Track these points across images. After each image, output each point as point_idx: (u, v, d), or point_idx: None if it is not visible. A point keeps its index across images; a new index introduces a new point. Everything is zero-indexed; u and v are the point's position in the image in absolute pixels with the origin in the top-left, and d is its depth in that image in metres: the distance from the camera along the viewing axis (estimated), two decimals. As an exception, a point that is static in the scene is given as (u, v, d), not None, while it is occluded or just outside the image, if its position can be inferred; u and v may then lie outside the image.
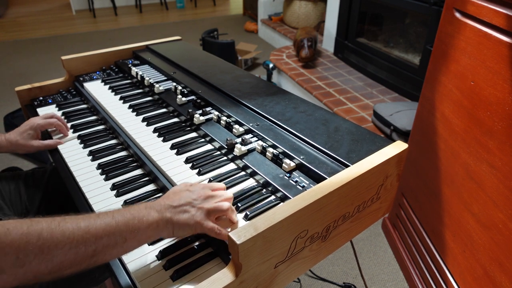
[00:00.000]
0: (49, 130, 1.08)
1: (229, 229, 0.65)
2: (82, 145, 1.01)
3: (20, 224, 0.50)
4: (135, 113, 1.09)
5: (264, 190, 0.77)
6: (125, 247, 0.58)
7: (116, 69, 1.40)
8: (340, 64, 2.87)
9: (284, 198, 0.73)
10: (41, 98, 1.26)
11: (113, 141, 1.04)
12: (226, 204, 0.65)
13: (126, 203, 0.79)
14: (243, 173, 0.83)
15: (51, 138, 1.04)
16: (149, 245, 0.69)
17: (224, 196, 0.67)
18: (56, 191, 1.06)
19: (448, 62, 1.11)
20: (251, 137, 0.91)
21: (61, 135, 1.06)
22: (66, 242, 0.52)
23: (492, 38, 0.92)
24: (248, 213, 0.70)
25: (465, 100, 1.03)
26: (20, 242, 0.49)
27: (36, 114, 1.18)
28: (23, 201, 1.00)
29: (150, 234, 0.60)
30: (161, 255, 0.67)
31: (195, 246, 0.69)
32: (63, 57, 1.31)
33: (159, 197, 0.80)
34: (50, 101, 1.24)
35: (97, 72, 1.37)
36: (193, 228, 0.63)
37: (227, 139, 0.87)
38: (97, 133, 1.07)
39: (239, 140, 0.90)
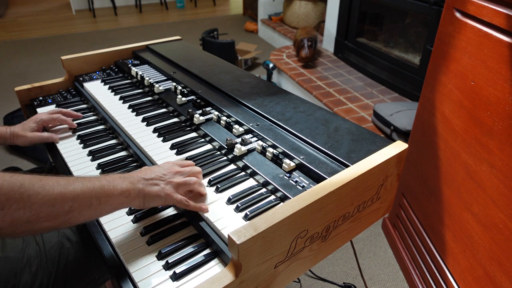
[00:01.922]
0: (49, 126, 1.07)
1: (205, 205, 0.72)
2: (82, 145, 1.01)
3: (2, 174, 0.55)
4: (135, 113, 1.09)
5: (264, 190, 0.77)
6: (99, 209, 0.63)
7: (116, 69, 1.40)
8: (340, 64, 2.87)
9: (284, 198, 0.73)
10: (41, 98, 1.26)
11: (113, 141, 1.04)
12: (194, 179, 0.73)
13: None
14: (243, 173, 0.83)
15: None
16: (149, 245, 0.69)
17: (192, 171, 0.75)
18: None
19: (448, 62, 1.11)
20: (251, 137, 0.91)
21: (62, 131, 1.06)
22: (45, 194, 0.56)
23: (492, 38, 0.92)
24: (248, 213, 0.70)
25: (465, 100, 1.03)
26: (2, 186, 0.53)
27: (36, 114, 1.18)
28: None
29: (122, 200, 0.65)
30: (161, 255, 0.67)
31: (195, 247, 0.69)
32: (63, 57, 1.31)
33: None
34: (50, 101, 1.24)
35: (97, 72, 1.37)
36: (163, 200, 0.69)
37: (227, 139, 0.87)
38: (97, 133, 1.07)
39: (239, 140, 0.90)
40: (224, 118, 0.97)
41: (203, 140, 0.96)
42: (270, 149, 0.83)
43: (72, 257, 0.80)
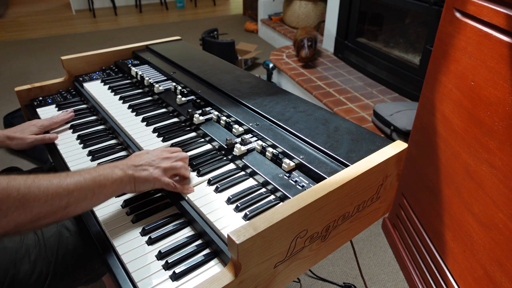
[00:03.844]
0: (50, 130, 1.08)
1: (190, 188, 0.77)
2: (81, 145, 1.01)
3: (0, 180, 0.56)
4: (134, 113, 1.09)
5: (264, 189, 0.77)
6: (94, 200, 0.67)
7: (116, 69, 1.40)
8: (340, 64, 2.87)
9: (283, 198, 0.73)
10: (41, 98, 1.26)
11: (113, 141, 1.04)
12: (180, 164, 0.78)
13: (126, 202, 0.79)
14: (242, 173, 0.83)
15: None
16: (148, 244, 0.69)
17: (179, 157, 0.79)
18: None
19: (448, 62, 1.11)
20: (251, 137, 0.91)
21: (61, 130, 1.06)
22: (42, 195, 0.59)
23: (492, 38, 0.92)
24: (248, 213, 0.70)
25: (465, 100, 1.03)
26: (2, 195, 0.55)
27: (36, 114, 1.18)
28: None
29: (115, 188, 0.70)
30: (160, 255, 0.67)
31: (195, 247, 0.69)
32: (63, 57, 1.31)
33: (159, 197, 0.81)
34: (50, 101, 1.24)
35: (97, 72, 1.37)
36: (152, 183, 0.74)
37: (226, 139, 0.87)
38: (97, 133, 1.07)
39: (238, 140, 0.90)
40: (224, 118, 0.97)
41: (203, 140, 0.96)
42: (270, 149, 0.83)
43: (72, 246, 0.80)
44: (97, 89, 1.24)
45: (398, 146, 0.78)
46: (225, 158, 0.88)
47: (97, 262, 0.84)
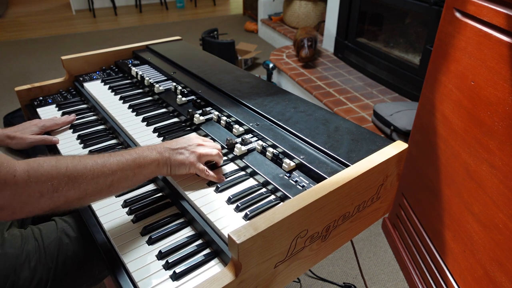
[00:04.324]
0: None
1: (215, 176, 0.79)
2: (82, 145, 1.01)
3: (49, 159, 0.61)
4: (135, 113, 1.09)
5: (264, 189, 0.77)
6: (134, 180, 0.70)
7: (116, 69, 1.40)
8: (340, 64, 2.87)
9: (284, 198, 0.73)
10: (41, 98, 1.26)
11: (113, 141, 1.04)
12: (215, 151, 0.80)
13: (126, 202, 0.79)
14: (243, 172, 0.83)
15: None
16: (148, 244, 0.69)
17: (212, 145, 0.82)
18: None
19: (448, 62, 1.11)
20: (251, 137, 0.91)
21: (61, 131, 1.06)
22: (88, 173, 0.63)
23: (492, 38, 0.92)
24: (248, 213, 0.70)
25: (465, 100, 1.03)
26: (52, 172, 0.59)
27: (36, 114, 1.18)
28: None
29: (153, 169, 0.72)
30: (161, 255, 0.67)
31: (195, 246, 0.69)
32: (63, 57, 1.31)
33: (159, 197, 0.81)
34: (50, 101, 1.24)
35: (97, 72, 1.37)
36: (188, 168, 0.76)
37: (227, 139, 0.87)
38: (97, 133, 1.07)
39: (239, 140, 0.90)
40: (224, 118, 0.97)
41: (203, 140, 0.96)
42: (270, 149, 0.83)
43: (71, 253, 0.80)
44: (97, 89, 1.24)
45: (398, 146, 0.79)
46: (225, 158, 0.88)
47: (97, 267, 0.84)
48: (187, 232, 0.73)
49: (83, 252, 0.82)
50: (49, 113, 1.18)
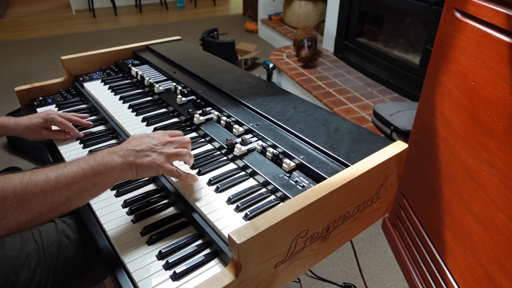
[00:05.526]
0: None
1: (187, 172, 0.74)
2: (81, 145, 1.01)
3: None
4: (135, 113, 1.09)
5: (264, 190, 0.77)
6: (95, 190, 0.64)
7: (116, 69, 1.40)
8: (340, 64, 2.87)
9: (284, 198, 0.73)
10: (41, 98, 1.26)
11: (113, 141, 1.04)
12: (185, 150, 0.74)
13: (126, 202, 0.79)
14: (243, 173, 0.83)
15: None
16: (149, 244, 0.69)
17: (182, 141, 0.75)
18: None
19: (448, 62, 1.11)
20: (251, 137, 0.91)
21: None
22: (40, 193, 0.56)
23: (492, 38, 0.92)
24: (248, 213, 0.70)
25: (465, 100, 1.03)
26: None
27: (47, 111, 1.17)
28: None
29: (116, 176, 0.66)
30: (161, 255, 0.67)
31: (195, 247, 0.69)
32: (63, 57, 1.31)
33: (159, 197, 0.81)
34: (50, 101, 1.24)
35: (97, 72, 1.37)
36: (155, 170, 0.70)
37: (227, 139, 0.87)
38: (97, 133, 1.07)
39: (239, 140, 0.90)
40: (224, 118, 0.97)
41: (203, 140, 0.96)
42: (270, 149, 0.83)
43: (71, 254, 0.80)
44: (97, 89, 1.24)
45: (398, 146, 0.79)
46: (225, 158, 0.88)
47: (97, 268, 0.84)
48: (187, 232, 0.73)
49: (83, 254, 0.81)
50: (49, 113, 1.17)
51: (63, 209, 0.60)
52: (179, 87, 1.15)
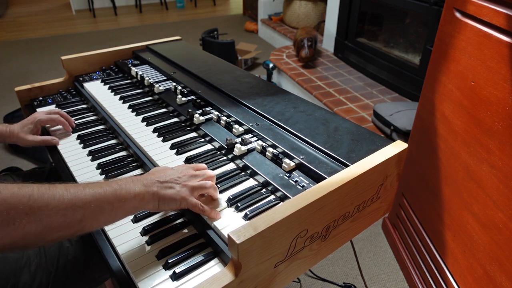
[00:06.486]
0: (48, 127, 1.08)
1: (211, 207, 0.71)
2: (81, 145, 1.01)
3: (11, 185, 0.52)
4: (134, 113, 1.09)
5: (264, 189, 0.77)
6: (112, 215, 0.61)
7: (116, 69, 1.40)
8: (340, 64, 2.87)
9: (284, 198, 0.73)
10: (41, 98, 1.26)
11: (113, 141, 1.04)
12: (209, 183, 0.71)
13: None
14: (243, 173, 0.83)
15: (49, 135, 1.04)
16: (149, 245, 0.69)
17: (206, 175, 0.73)
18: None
19: (448, 62, 1.11)
20: (251, 137, 0.91)
21: (62, 132, 1.06)
22: (56, 204, 0.54)
23: (492, 38, 0.92)
24: (248, 213, 0.70)
25: (465, 100, 1.03)
26: (11, 200, 0.50)
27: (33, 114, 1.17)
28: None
29: (136, 204, 0.63)
30: (161, 254, 0.67)
31: (195, 246, 0.69)
32: (63, 57, 1.31)
33: None
34: (50, 101, 1.24)
35: (97, 72, 1.37)
36: (178, 203, 0.67)
37: (227, 139, 0.87)
38: (97, 133, 1.07)
39: (239, 140, 0.90)
40: (224, 118, 0.97)
41: (203, 140, 0.96)
42: (270, 149, 0.83)
43: (72, 257, 0.80)
44: (97, 89, 1.24)
45: (398, 146, 0.78)
46: (225, 158, 0.88)
47: (98, 270, 0.84)
48: (187, 232, 0.73)
49: (84, 256, 0.81)
50: (49, 113, 1.18)
51: (75, 229, 0.57)
52: (179, 87, 1.15)
